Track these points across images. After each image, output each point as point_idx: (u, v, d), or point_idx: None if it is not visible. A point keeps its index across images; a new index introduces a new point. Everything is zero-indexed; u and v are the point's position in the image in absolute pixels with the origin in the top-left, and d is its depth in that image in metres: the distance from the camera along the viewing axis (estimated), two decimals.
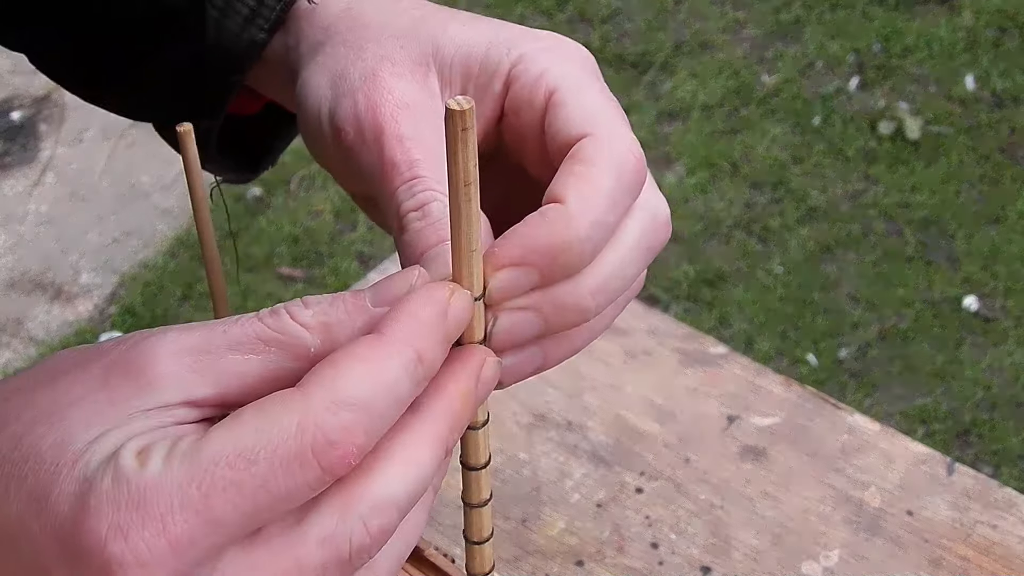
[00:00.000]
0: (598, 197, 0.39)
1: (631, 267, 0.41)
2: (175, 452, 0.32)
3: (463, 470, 0.43)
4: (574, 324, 0.41)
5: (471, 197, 0.35)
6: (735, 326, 2.09)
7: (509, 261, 0.38)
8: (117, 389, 0.34)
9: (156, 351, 0.34)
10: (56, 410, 0.33)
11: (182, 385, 0.34)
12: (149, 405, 0.33)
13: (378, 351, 0.34)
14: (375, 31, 0.45)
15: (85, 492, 0.31)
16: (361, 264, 2.23)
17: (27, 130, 2.61)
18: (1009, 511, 0.67)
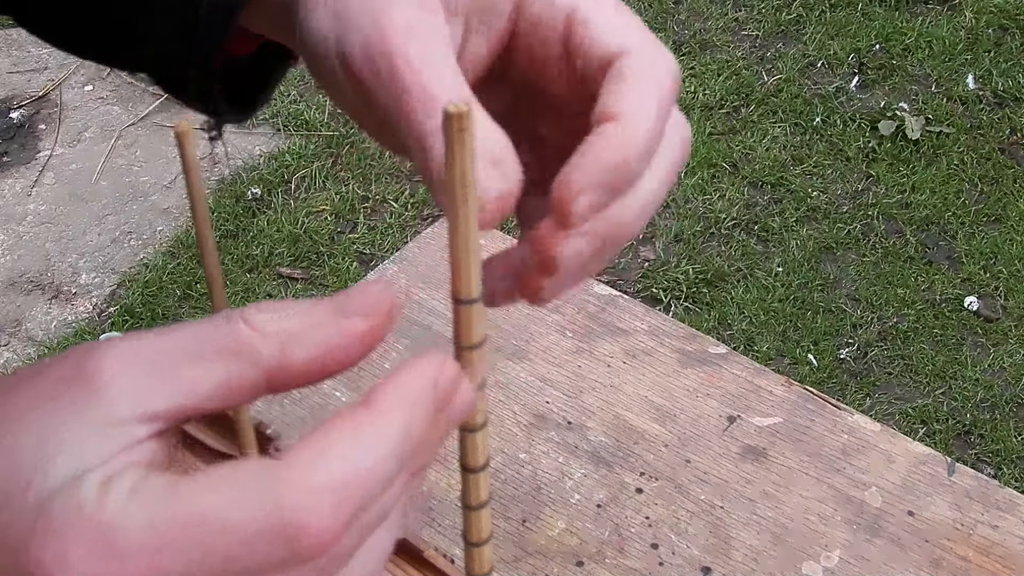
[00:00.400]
0: (650, 110, 0.40)
1: (665, 185, 0.43)
2: (141, 493, 0.30)
3: (462, 472, 0.43)
4: (623, 243, 0.42)
5: (469, 198, 0.35)
6: (735, 326, 2.09)
7: (587, 184, 0.39)
8: (68, 404, 0.32)
9: (106, 362, 0.32)
10: (6, 429, 0.32)
11: (135, 398, 0.32)
12: (101, 421, 0.32)
13: (367, 429, 0.32)
14: None
15: (38, 520, 0.30)
16: (361, 264, 2.23)
17: (26, 130, 2.61)
18: (1010, 512, 0.67)
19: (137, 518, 0.30)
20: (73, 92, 2.69)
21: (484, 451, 0.42)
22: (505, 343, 0.78)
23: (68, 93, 2.69)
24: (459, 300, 0.38)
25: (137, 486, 0.30)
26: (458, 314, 0.38)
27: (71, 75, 2.73)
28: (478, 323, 0.39)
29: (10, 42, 2.84)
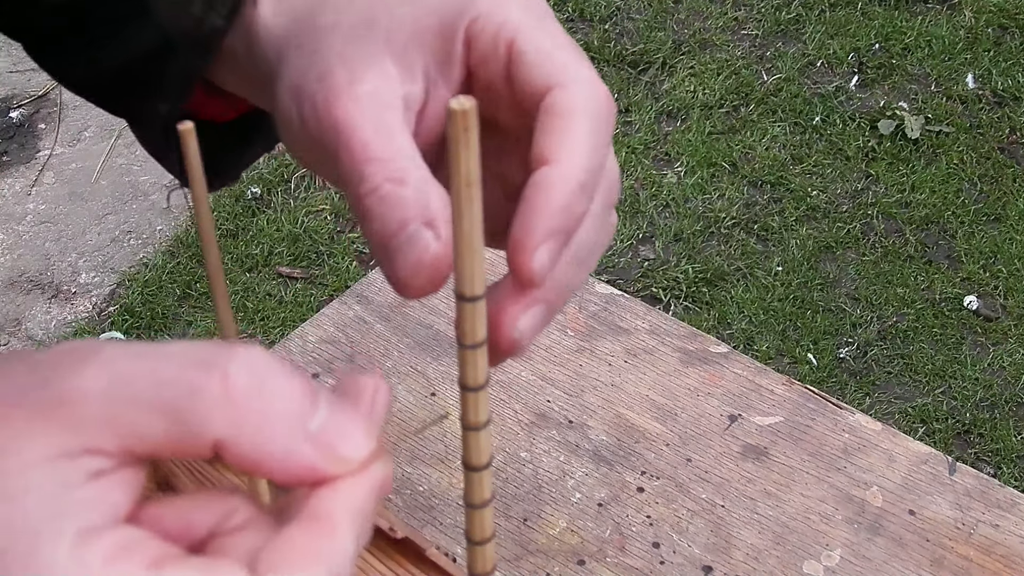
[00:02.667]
0: (582, 145, 0.40)
1: (596, 229, 0.42)
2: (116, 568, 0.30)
3: (464, 471, 0.43)
4: (567, 298, 0.42)
5: (473, 197, 0.35)
6: (735, 325, 2.09)
7: (540, 239, 0.39)
8: (20, 432, 0.31)
9: (65, 391, 0.31)
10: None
11: (84, 435, 0.31)
12: (51, 453, 0.31)
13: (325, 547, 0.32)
14: (328, 31, 0.44)
15: (9, 568, 0.29)
16: (360, 264, 2.23)
17: (26, 129, 2.61)
18: (1011, 511, 0.67)
19: None
20: None
21: (487, 450, 0.42)
22: None
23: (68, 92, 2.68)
24: (463, 297, 0.38)
25: (111, 560, 0.30)
26: (461, 311, 0.38)
27: None
28: (481, 320, 0.39)
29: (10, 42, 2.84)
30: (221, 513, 0.34)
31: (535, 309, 0.40)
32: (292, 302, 2.15)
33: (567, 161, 0.39)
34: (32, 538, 0.30)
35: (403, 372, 0.76)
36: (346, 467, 0.33)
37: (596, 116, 0.40)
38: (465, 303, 0.38)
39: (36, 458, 0.31)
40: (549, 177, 0.39)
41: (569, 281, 0.41)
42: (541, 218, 0.39)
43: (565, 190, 0.39)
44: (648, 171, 2.39)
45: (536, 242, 0.39)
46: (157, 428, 0.31)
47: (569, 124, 0.40)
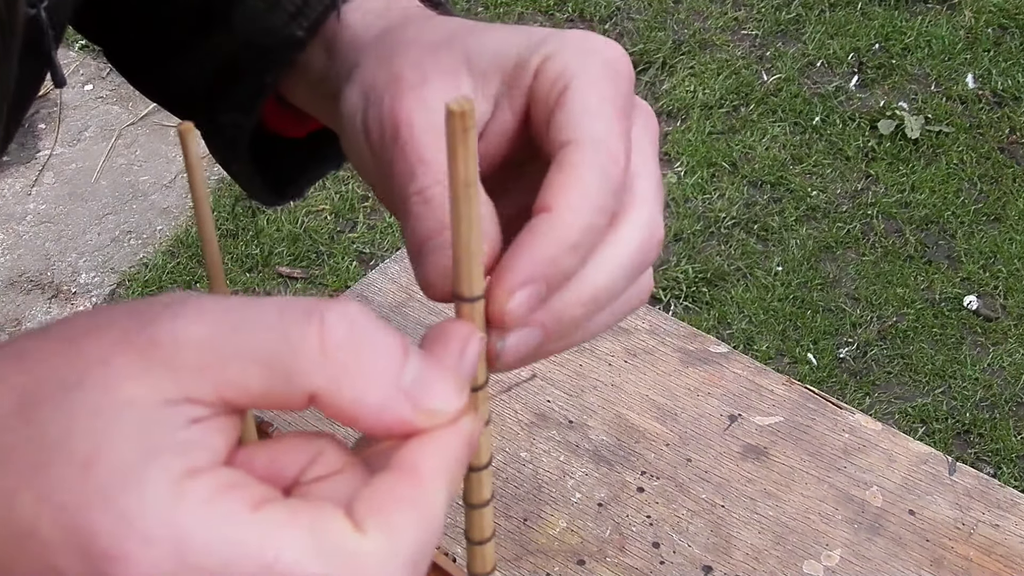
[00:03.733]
0: (585, 202, 0.40)
1: (623, 280, 0.42)
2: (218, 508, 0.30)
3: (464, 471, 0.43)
4: (569, 332, 0.42)
5: (471, 198, 0.35)
6: (735, 325, 2.09)
7: (519, 281, 0.39)
8: (119, 371, 0.31)
9: (164, 339, 0.32)
10: (62, 391, 0.31)
11: (182, 382, 0.31)
12: (152, 398, 0.31)
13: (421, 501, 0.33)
14: (407, 45, 0.46)
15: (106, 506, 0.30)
16: (361, 263, 2.23)
17: (26, 129, 2.61)
18: (1011, 511, 0.67)
19: (212, 537, 0.30)
20: (73, 92, 2.69)
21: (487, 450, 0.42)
22: None
23: (68, 93, 2.69)
24: (462, 298, 0.38)
25: (215, 497, 0.30)
26: (460, 311, 0.39)
27: (71, 75, 2.73)
28: (480, 320, 0.39)
29: None
30: (309, 457, 0.34)
31: (526, 331, 0.40)
32: None
33: (564, 215, 0.39)
34: (132, 473, 0.30)
35: None
36: (437, 420, 0.34)
37: (602, 175, 0.40)
38: (464, 303, 0.38)
39: (136, 399, 0.31)
40: (542, 226, 0.39)
41: (575, 319, 0.41)
42: (524, 263, 0.39)
43: (555, 243, 0.39)
44: None
45: (514, 284, 0.39)
46: (255, 379, 0.32)
47: (573, 177, 0.40)
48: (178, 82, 0.60)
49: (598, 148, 0.41)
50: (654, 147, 0.45)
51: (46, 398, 0.31)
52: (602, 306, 0.42)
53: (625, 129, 0.42)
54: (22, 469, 0.31)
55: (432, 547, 0.33)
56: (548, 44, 0.43)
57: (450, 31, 0.46)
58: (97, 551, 0.29)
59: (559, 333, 0.41)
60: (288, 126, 0.59)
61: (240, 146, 0.57)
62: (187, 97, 0.61)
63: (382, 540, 0.31)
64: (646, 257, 0.43)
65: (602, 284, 0.41)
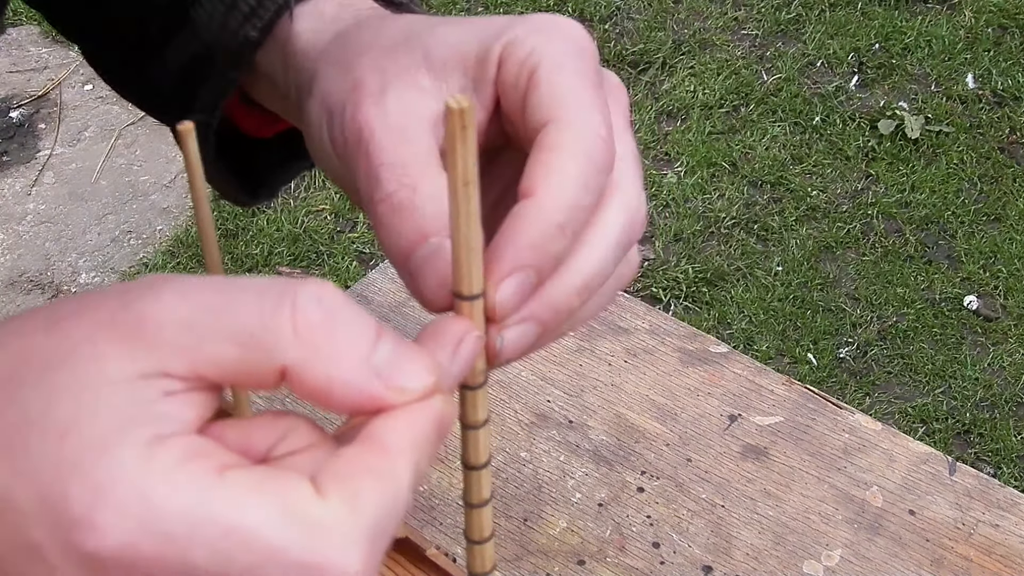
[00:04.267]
0: (566, 182, 0.39)
1: (611, 263, 0.41)
2: (185, 472, 0.31)
3: (463, 469, 0.43)
4: (564, 322, 0.41)
5: (471, 196, 0.35)
6: (735, 325, 2.09)
7: (505, 271, 0.38)
8: (101, 348, 0.32)
9: (145, 317, 0.33)
10: (46, 370, 0.32)
11: (160, 358, 0.32)
12: (128, 371, 0.32)
13: (386, 474, 0.33)
14: (365, 47, 0.45)
15: (75, 474, 0.30)
16: (361, 264, 2.23)
17: (26, 129, 2.61)
18: (1011, 511, 0.67)
19: (178, 501, 0.30)
20: (73, 92, 2.69)
21: (486, 449, 0.42)
22: None
23: (68, 92, 2.69)
24: (461, 296, 0.38)
25: (182, 462, 0.31)
26: (460, 309, 0.39)
27: (71, 74, 2.73)
28: (479, 318, 0.39)
29: (10, 42, 2.84)
30: (280, 434, 0.35)
31: (524, 326, 0.40)
32: None
33: (547, 197, 0.39)
34: (104, 443, 0.31)
35: None
36: (406, 398, 0.34)
37: (587, 154, 0.39)
38: (463, 301, 0.38)
39: (116, 375, 0.32)
40: (526, 211, 0.39)
41: (570, 308, 0.41)
42: (510, 251, 0.38)
43: (540, 226, 0.38)
44: (648, 171, 2.39)
45: (501, 274, 0.38)
46: (229, 357, 0.33)
47: (555, 160, 0.39)
48: (148, 84, 0.60)
49: (578, 125, 0.40)
50: (626, 120, 0.44)
51: (30, 377, 0.32)
52: (594, 291, 0.41)
53: (602, 102, 0.41)
54: (2, 445, 0.31)
55: (396, 521, 0.33)
56: (508, 31, 0.42)
57: (407, 30, 0.45)
58: (68, 520, 0.30)
59: (556, 324, 0.41)
60: (257, 127, 0.59)
61: (207, 146, 0.56)
62: (158, 99, 0.61)
63: (344, 508, 0.32)
64: (632, 235, 0.42)
65: (593, 269, 0.41)
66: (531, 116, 0.41)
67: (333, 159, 0.45)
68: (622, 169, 0.42)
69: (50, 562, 0.31)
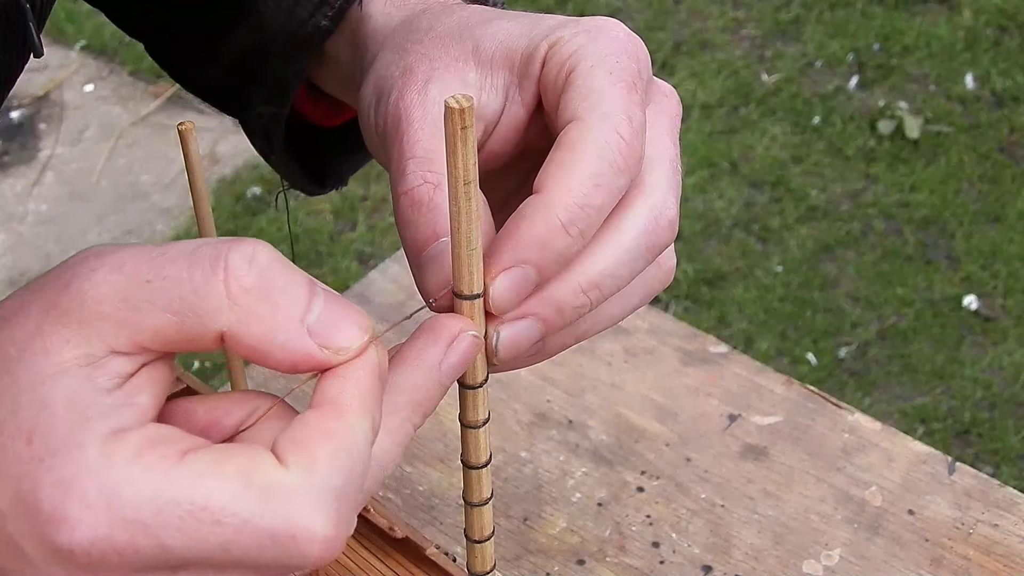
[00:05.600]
0: (576, 180, 0.39)
1: (627, 265, 0.41)
2: (145, 460, 0.31)
3: (464, 469, 0.43)
4: (571, 321, 0.41)
5: (471, 195, 0.35)
6: (734, 325, 2.09)
7: (503, 265, 0.38)
8: (50, 337, 0.33)
9: (84, 295, 0.33)
10: (3, 372, 0.33)
11: (103, 335, 0.33)
12: (78, 356, 0.33)
13: (345, 434, 0.34)
14: (421, 35, 0.45)
15: (44, 474, 0.31)
16: (361, 264, 2.23)
17: (26, 129, 2.61)
18: (1010, 510, 0.67)
19: (143, 490, 0.31)
20: (73, 92, 2.69)
21: (486, 449, 0.42)
22: None
23: (68, 93, 2.69)
24: (461, 295, 0.38)
25: (142, 452, 0.32)
26: (460, 309, 0.39)
27: (71, 75, 2.73)
28: (480, 318, 0.39)
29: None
30: (247, 411, 0.36)
31: (521, 323, 0.40)
32: None
33: (554, 193, 0.38)
34: (66, 442, 0.32)
35: None
36: (341, 356, 0.35)
37: (601, 152, 0.39)
38: (463, 301, 0.38)
39: (68, 361, 0.33)
40: (531, 207, 0.39)
41: (576, 308, 0.40)
42: (509, 246, 0.38)
43: (543, 223, 0.38)
44: None
45: (497, 268, 0.38)
46: (167, 325, 0.33)
47: (567, 157, 0.39)
48: (212, 75, 0.61)
49: (597, 123, 0.40)
50: (672, 128, 0.43)
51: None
52: (606, 293, 0.40)
53: (634, 103, 0.40)
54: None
55: (359, 477, 0.34)
56: (557, 31, 0.43)
57: (462, 22, 0.45)
58: (41, 517, 0.31)
59: (560, 324, 0.40)
60: (324, 116, 0.59)
61: (275, 137, 0.57)
62: (221, 90, 0.62)
63: (304, 472, 0.32)
64: (655, 240, 0.41)
65: (602, 270, 0.40)
66: (560, 115, 0.41)
67: (376, 142, 0.45)
68: (654, 172, 0.41)
69: (29, 557, 0.32)
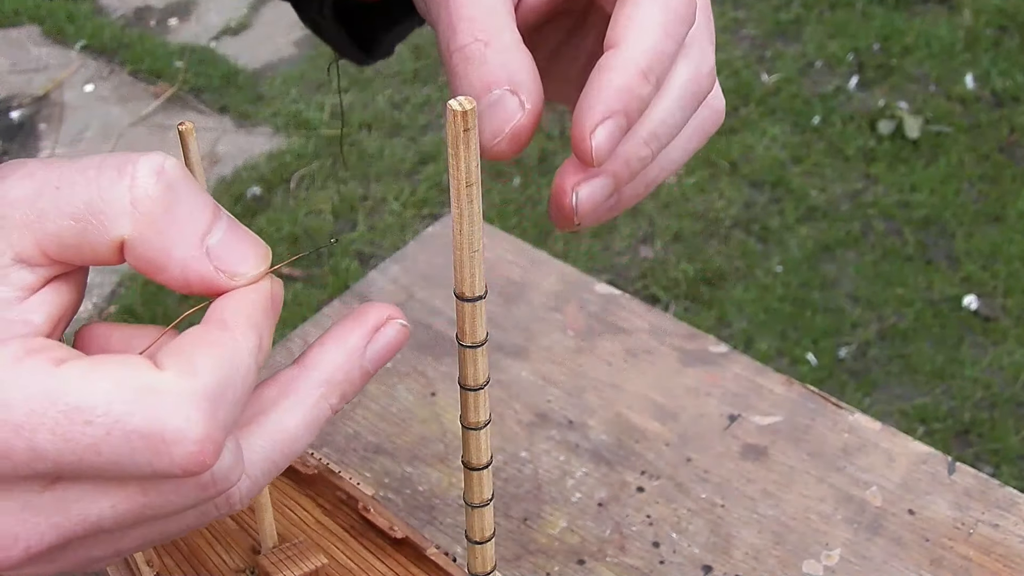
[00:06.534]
0: (649, 31, 0.41)
1: (678, 112, 0.43)
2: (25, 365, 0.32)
3: (464, 470, 0.43)
4: (638, 172, 0.43)
5: (473, 198, 0.35)
6: (734, 325, 2.09)
7: (598, 118, 0.40)
8: None
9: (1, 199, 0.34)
10: None
11: (11, 240, 0.34)
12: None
13: (228, 344, 0.34)
14: None
15: None
16: (361, 263, 2.23)
17: (26, 129, 2.61)
18: (1010, 510, 0.67)
19: (17, 392, 0.32)
20: (73, 92, 2.69)
21: (487, 450, 0.42)
22: (507, 342, 0.78)
23: (68, 93, 2.69)
24: (463, 298, 0.38)
25: (20, 358, 0.32)
26: (461, 311, 0.39)
27: (71, 75, 2.73)
28: (481, 320, 0.39)
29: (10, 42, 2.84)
30: (162, 342, 0.36)
31: (597, 180, 0.41)
32: (292, 302, 2.15)
33: (630, 45, 0.40)
34: None
35: (403, 372, 0.76)
36: (237, 282, 0.36)
37: (666, 6, 0.41)
38: (465, 303, 0.38)
39: None
40: (611, 60, 0.40)
41: (641, 159, 0.42)
42: (599, 99, 0.40)
43: (625, 73, 0.40)
44: None
45: (593, 122, 0.40)
46: (69, 230, 0.34)
47: (636, 11, 0.41)
48: None
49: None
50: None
51: None
52: (664, 141, 0.43)
53: None
54: None
55: (239, 387, 0.34)
56: None
57: None
58: None
59: (628, 176, 0.42)
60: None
61: (326, 3, 0.59)
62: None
63: (180, 374, 0.32)
64: (698, 88, 0.43)
65: (659, 120, 0.42)
66: None
67: (423, 5, 0.46)
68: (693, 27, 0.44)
69: None
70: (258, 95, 2.72)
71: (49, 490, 0.33)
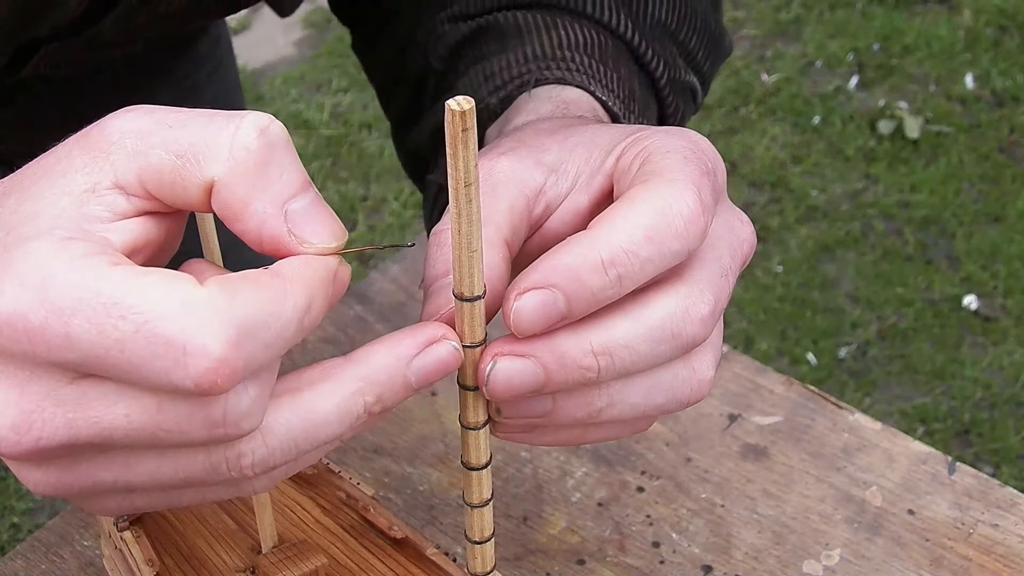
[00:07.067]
0: (628, 226, 0.37)
1: (647, 343, 0.38)
2: (86, 261, 0.33)
3: (464, 470, 0.43)
4: (576, 383, 0.39)
5: (471, 197, 0.35)
6: (734, 325, 2.09)
7: (532, 284, 0.37)
8: (71, 161, 0.36)
9: (112, 127, 0.36)
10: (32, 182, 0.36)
11: (116, 166, 0.36)
12: (86, 183, 0.36)
13: (277, 290, 0.35)
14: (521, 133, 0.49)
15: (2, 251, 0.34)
16: (361, 263, 2.23)
17: None
18: (1010, 510, 0.67)
19: (70, 281, 0.33)
20: None
21: (486, 450, 0.42)
22: None
23: None
24: (462, 298, 0.38)
25: (85, 255, 0.34)
26: (460, 311, 0.39)
27: None
28: (480, 320, 0.39)
29: None
30: None
31: (521, 361, 0.38)
32: None
33: (601, 233, 0.37)
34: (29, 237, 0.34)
35: None
36: (306, 249, 0.37)
37: (662, 210, 0.37)
38: (463, 303, 0.38)
39: (78, 186, 0.36)
40: (573, 240, 0.37)
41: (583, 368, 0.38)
42: (539, 267, 0.37)
43: (580, 255, 0.37)
44: None
45: (523, 286, 0.37)
46: (170, 164, 0.36)
47: (623, 207, 0.38)
48: (412, 143, 0.67)
49: (666, 185, 0.38)
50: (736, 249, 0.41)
51: (19, 187, 0.37)
52: (618, 366, 0.38)
53: (706, 185, 0.39)
54: None
55: (274, 335, 0.34)
56: (639, 131, 0.43)
57: (574, 123, 0.48)
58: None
59: (562, 380, 0.38)
60: None
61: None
62: (415, 156, 0.68)
63: (218, 295, 0.33)
64: (681, 329, 0.38)
65: (618, 338, 0.38)
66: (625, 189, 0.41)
67: None
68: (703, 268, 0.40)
69: None
70: (258, 95, 2.72)
71: (73, 384, 0.34)
